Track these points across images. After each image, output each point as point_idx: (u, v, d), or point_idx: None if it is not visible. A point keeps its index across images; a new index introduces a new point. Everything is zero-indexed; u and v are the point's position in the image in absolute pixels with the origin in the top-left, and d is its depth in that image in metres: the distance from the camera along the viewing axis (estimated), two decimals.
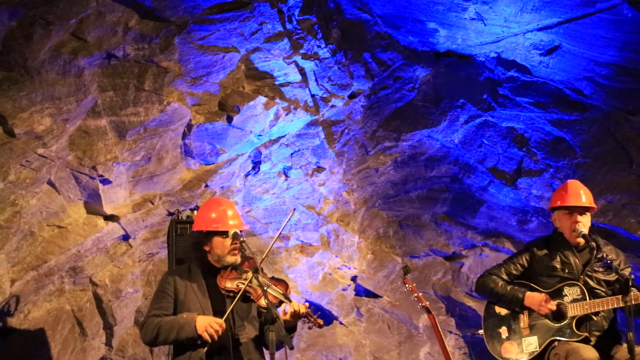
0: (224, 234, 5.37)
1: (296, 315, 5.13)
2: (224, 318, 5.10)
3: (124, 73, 6.73)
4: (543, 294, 5.89)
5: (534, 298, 5.91)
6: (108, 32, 6.56)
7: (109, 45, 6.60)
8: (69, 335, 6.95)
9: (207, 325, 5.08)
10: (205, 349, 5.13)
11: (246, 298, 5.31)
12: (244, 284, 5.22)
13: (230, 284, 5.28)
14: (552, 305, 5.83)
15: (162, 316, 5.25)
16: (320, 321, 5.07)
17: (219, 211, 5.43)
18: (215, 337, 5.07)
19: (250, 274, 5.23)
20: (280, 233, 5.74)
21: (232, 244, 5.37)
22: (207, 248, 5.42)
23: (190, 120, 7.11)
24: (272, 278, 5.41)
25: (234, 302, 5.15)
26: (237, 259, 5.38)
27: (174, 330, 5.13)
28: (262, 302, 5.17)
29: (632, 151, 7.39)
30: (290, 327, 5.23)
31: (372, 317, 8.24)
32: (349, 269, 8.19)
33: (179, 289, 5.36)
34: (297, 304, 5.13)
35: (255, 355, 5.31)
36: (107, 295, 7.11)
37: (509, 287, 6.03)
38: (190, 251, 5.64)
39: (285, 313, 5.13)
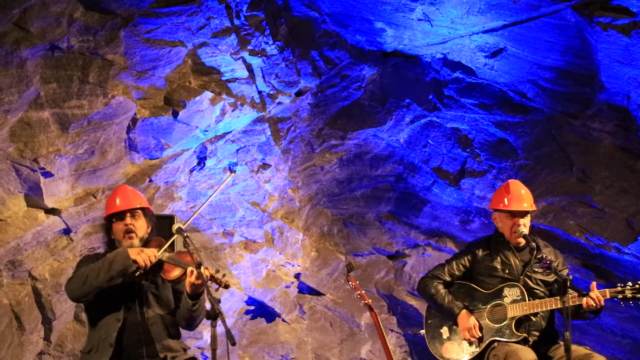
0: (119, 218, 5.39)
1: (199, 278, 5.05)
2: (162, 250, 5.17)
3: (67, 65, 6.63)
4: (473, 321, 5.95)
5: (464, 321, 5.97)
6: (52, 23, 6.46)
7: (52, 37, 6.50)
8: (6, 329, 6.84)
9: (139, 251, 5.12)
10: (119, 326, 5.16)
11: (156, 277, 5.33)
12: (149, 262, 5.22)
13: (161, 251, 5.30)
14: (476, 334, 5.89)
15: None
16: (226, 281, 5.04)
17: (110, 198, 5.51)
18: (149, 262, 5.11)
19: (160, 252, 5.25)
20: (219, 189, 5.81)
21: (124, 226, 5.38)
22: (113, 236, 5.44)
23: (135, 114, 7.04)
24: (179, 252, 5.38)
25: (167, 243, 5.18)
26: (133, 242, 5.36)
27: (105, 267, 5.11)
28: (171, 276, 5.20)
29: (572, 154, 7.51)
30: (196, 294, 5.18)
31: (314, 315, 8.25)
32: (293, 266, 8.19)
33: None
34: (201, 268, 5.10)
35: (164, 335, 5.29)
36: (47, 289, 7.02)
37: (446, 300, 6.07)
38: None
39: (190, 276, 5.09)
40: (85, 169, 6.96)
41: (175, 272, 5.24)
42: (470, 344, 5.94)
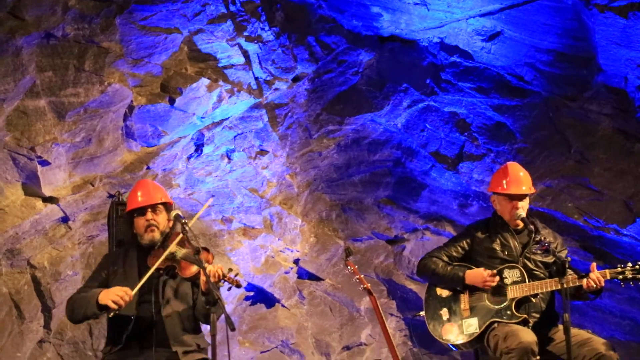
0: (140, 213, 5.41)
1: (214, 277, 5.08)
2: (136, 288, 5.09)
3: (63, 53, 6.62)
4: (484, 270, 5.95)
5: (475, 275, 5.97)
6: (47, 12, 6.44)
7: (47, 25, 6.48)
8: (6, 318, 6.85)
9: (110, 293, 5.08)
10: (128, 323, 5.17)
11: (174, 274, 5.35)
12: (168, 258, 5.24)
13: (156, 261, 5.30)
14: (495, 277, 5.90)
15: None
16: (238, 281, 5.05)
17: (132, 192, 5.55)
18: (122, 302, 5.06)
19: (173, 248, 5.26)
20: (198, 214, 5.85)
21: (145, 221, 5.40)
22: (134, 229, 5.50)
23: (131, 101, 7.03)
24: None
25: (147, 275, 5.14)
26: (155, 236, 5.41)
27: (84, 306, 5.18)
28: (186, 273, 5.22)
29: (570, 137, 7.51)
30: (212, 300, 5.15)
31: (314, 300, 8.27)
32: (292, 252, 8.20)
33: (112, 271, 5.41)
34: (213, 266, 5.11)
35: (180, 331, 5.31)
36: (46, 278, 7.02)
37: (449, 268, 6.09)
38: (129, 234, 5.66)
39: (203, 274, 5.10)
40: (83, 157, 6.95)
41: (192, 269, 5.25)
42: (495, 296, 5.93)
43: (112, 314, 5.13)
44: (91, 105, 6.78)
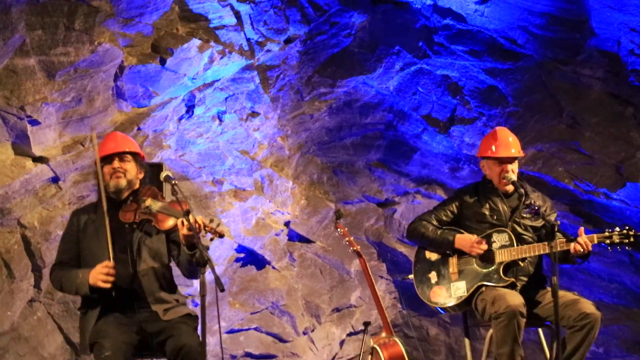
0: (108, 162, 5.38)
1: (193, 228, 5.03)
2: (112, 256, 5.12)
3: (53, 12, 6.55)
4: (473, 235, 5.98)
5: (464, 240, 6.01)
6: None
7: None
8: None
9: (96, 276, 5.10)
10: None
11: (150, 228, 5.33)
12: (143, 212, 5.23)
13: (130, 216, 5.28)
14: (484, 245, 5.93)
15: (65, 265, 5.32)
16: (220, 230, 5.02)
17: (101, 144, 5.51)
18: (110, 279, 5.09)
19: (148, 201, 5.23)
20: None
21: (112, 168, 5.37)
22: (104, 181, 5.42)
23: (122, 61, 6.98)
24: (171, 201, 5.37)
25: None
26: (120, 182, 5.36)
27: (73, 290, 5.23)
28: (164, 226, 5.20)
29: (562, 101, 7.51)
30: (192, 245, 5.14)
31: (304, 262, 8.30)
32: (283, 214, 8.21)
33: (82, 228, 5.38)
34: (192, 216, 5.05)
35: (157, 288, 5.31)
36: (36, 237, 7.02)
37: (439, 231, 6.12)
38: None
39: (182, 228, 5.06)
40: (73, 117, 6.92)
41: (169, 222, 5.22)
42: (483, 260, 5.96)
43: (112, 291, 5.15)
44: (81, 64, 6.74)
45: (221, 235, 5.00)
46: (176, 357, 5.03)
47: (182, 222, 5.03)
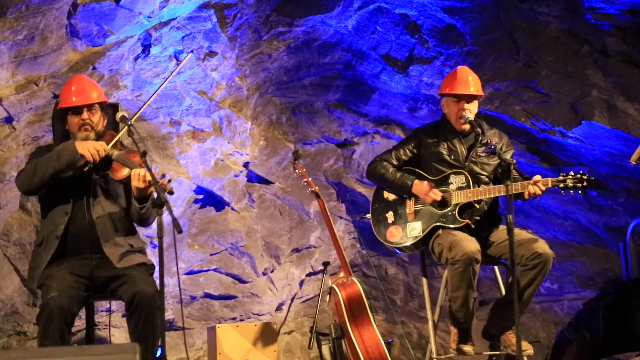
0: (75, 112, 5.36)
1: (144, 180, 5.09)
2: (110, 145, 5.22)
3: None
4: (429, 183, 6.04)
5: (421, 186, 6.07)
6: None
7: None
8: None
9: (87, 145, 5.16)
10: (69, 220, 5.23)
11: (105, 174, 5.35)
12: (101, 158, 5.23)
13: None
14: (437, 195, 5.99)
15: None
16: (170, 188, 5.00)
17: (66, 87, 5.46)
18: (97, 156, 5.14)
19: (107, 148, 5.25)
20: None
21: (80, 120, 5.35)
22: (67, 126, 5.43)
23: None
24: (129, 151, 5.36)
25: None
26: (89, 135, 5.36)
27: (53, 160, 5.17)
28: (118, 175, 5.22)
29: (519, 39, 7.51)
30: (143, 197, 5.23)
31: (263, 203, 8.29)
32: (242, 155, 8.17)
33: None
34: (143, 170, 5.09)
35: (112, 232, 5.32)
36: None
37: (398, 174, 6.16)
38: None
39: (134, 179, 5.12)
40: (26, 55, 6.78)
41: (123, 172, 5.21)
42: (439, 205, 6.01)
43: (87, 167, 5.12)
44: (33, 1, 6.58)
45: (171, 192, 4.97)
46: (131, 303, 5.05)
47: (136, 175, 5.04)
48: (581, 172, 5.77)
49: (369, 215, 6.40)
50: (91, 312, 5.63)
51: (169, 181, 4.99)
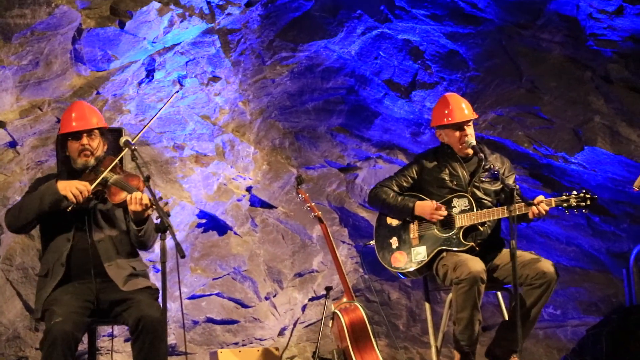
0: (75, 137, 5.37)
1: (140, 203, 5.11)
2: (94, 184, 5.20)
3: None
4: (433, 202, 6.03)
5: (424, 207, 6.06)
6: None
7: None
8: None
9: (70, 186, 5.14)
10: (71, 241, 5.23)
11: (104, 199, 5.36)
12: (100, 183, 5.25)
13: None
14: (443, 211, 5.98)
15: None
16: (167, 209, 5.01)
17: (66, 113, 5.46)
18: (80, 197, 5.13)
19: (105, 173, 5.26)
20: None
21: (80, 145, 5.35)
22: (67, 152, 5.45)
23: (80, 24, 6.89)
24: (128, 174, 5.38)
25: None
26: (88, 160, 5.39)
27: (36, 200, 5.18)
28: (116, 199, 5.22)
29: (522, 65, 7.54)
30: (140, 220, 5.25)
31: (266, 227, 8.29)
32: (244, 179, 8.18)
33: None
34: (141, 193, 5.13)
35: (114, 254, 5.33)
36: None
37: (399, 198, 6.17)
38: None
39: (131, 203, 5.14)
40: (30, 80, 6.82)
41: (122, 196, 5.23)
42: (443, 225, 6.01)
43: (69, 207, 5.12)
44: (38, 27, 6.63)
45: (167, 215, 4.97)
46: (136, 327, 5.04)
47: (132, 199, 5.06)
48: (584, 190, 5.77)
49: (372, 242, 6.40)
50: (93, 337, 5.61)
51: (166, 204, 5.03)
